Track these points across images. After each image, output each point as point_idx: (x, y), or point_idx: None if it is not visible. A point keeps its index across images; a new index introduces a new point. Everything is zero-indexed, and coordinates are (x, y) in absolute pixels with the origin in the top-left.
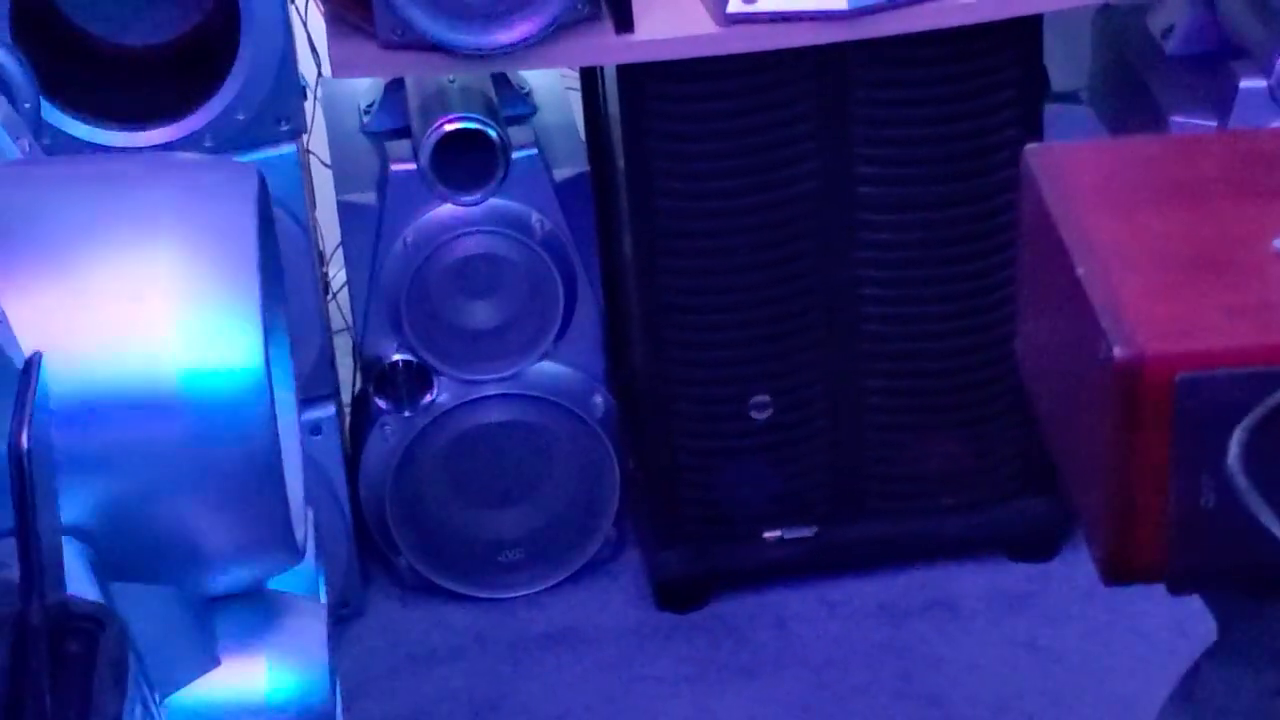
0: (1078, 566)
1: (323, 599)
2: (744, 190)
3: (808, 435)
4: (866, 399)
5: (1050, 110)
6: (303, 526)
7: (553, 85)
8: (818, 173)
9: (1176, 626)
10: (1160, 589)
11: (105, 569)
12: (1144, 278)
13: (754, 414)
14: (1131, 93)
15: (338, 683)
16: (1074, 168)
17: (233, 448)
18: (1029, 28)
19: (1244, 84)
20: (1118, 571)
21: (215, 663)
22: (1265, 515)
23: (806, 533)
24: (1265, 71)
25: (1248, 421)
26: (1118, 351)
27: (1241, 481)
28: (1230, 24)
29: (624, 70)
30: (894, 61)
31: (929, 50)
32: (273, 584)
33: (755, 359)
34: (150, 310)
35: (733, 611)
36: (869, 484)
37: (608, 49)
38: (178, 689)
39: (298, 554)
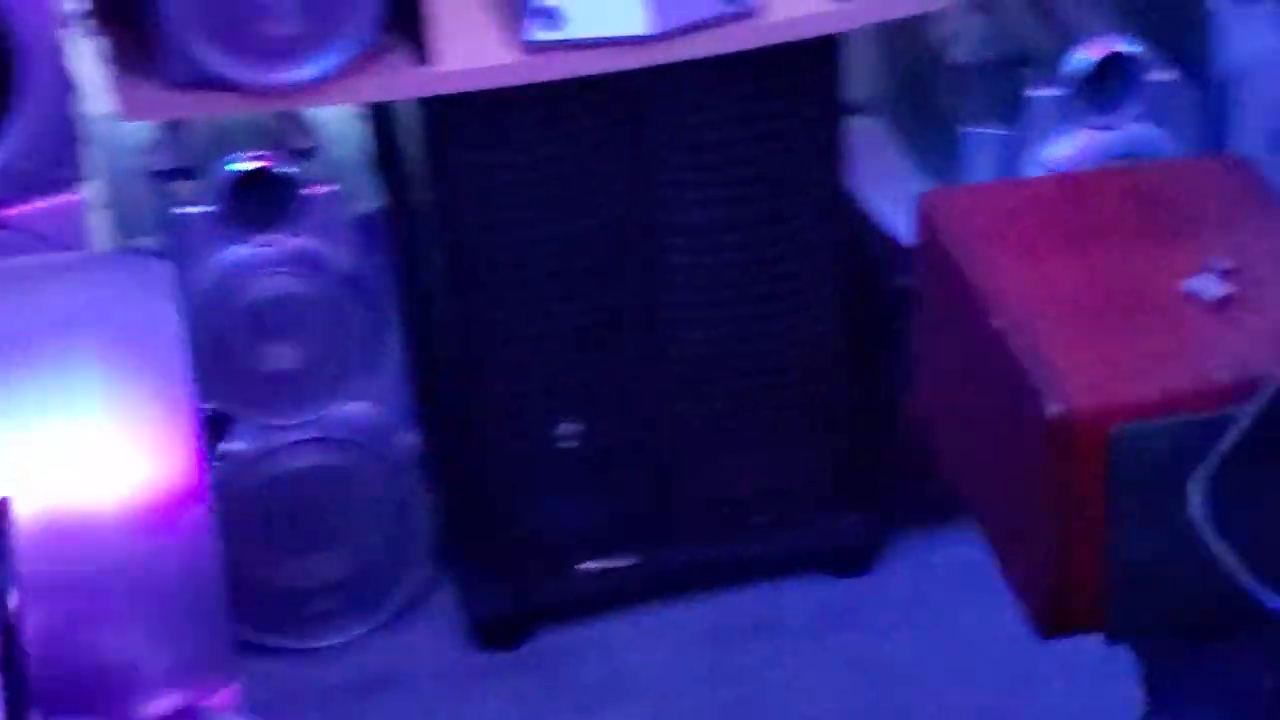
0: (896, 578)
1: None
2: (549, 218)
3: (622, 462)
4: (679, 423)
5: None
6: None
7: (339, 115)
8: (622, 197)
9: (1004, 636)
10: (988, 598)
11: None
12: (1063, 328)
13: (560, 443)
14: (918, 101)
15: None
16: (971, 212)
17: (176, 565)
18: (828, 47)
19: (1035, 92)
20: (1055, 625)
21: None
22: (1231, 561)
23: (627, 561)
24: (1054, 79)
25: (1204, 470)
26: (1051, 408)
27: (1207, 530)
28: (1013, 32)
29: (424, 101)
30: (694, 84)
31: (728, 72)
32: None
33: (565, 387)
34: (84, 433)
35: (557, 646)
36: (686, 508)
37: (409, 82)
38: None
39: (235, 673)
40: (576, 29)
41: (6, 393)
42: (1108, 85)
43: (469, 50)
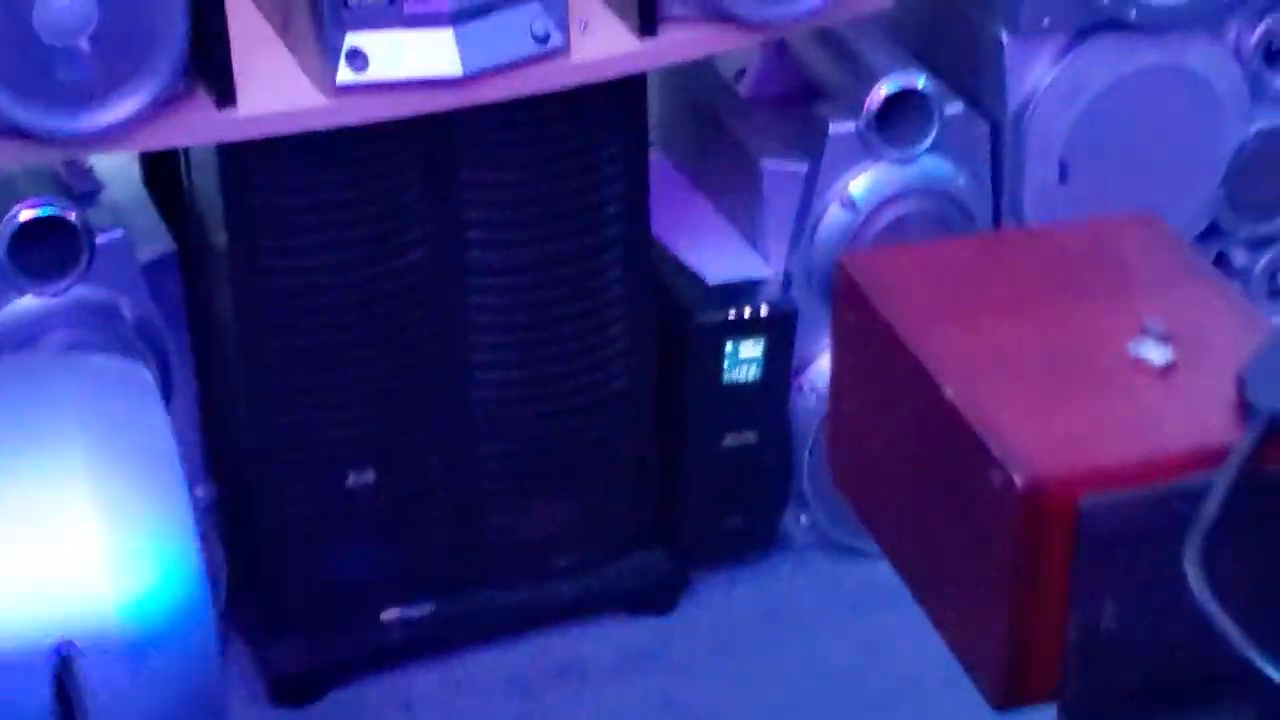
0: (700, 617)
1: None
2: (353, 263)
3: (419, 509)
4: (478, 466)
5: None
6: None
7: (116, 159)
8: (428, 240)
9: (813, 671)
10: (792, 636)
11: None
12: (1015, 395)
13: (353, 489)
14: (712, 136)
15: None
16: (897, 277)
17: (180, 683)
18: (633, 86)
19: (833, 127)
20: (1010, 697)
21: None
22: (1233, 633)
23: (425, 609)
24: (853, 114)
25: (1194, 541)
26: (1018, 479)
27: (1210, 603)
28: (808, 67)
29: (224, 145)
30: (499, 124)
31: (532, 111)
32: None
33: (365, 434)
34: (78, 543)
35: (355, 700)
36: (486, 553)
37: (211, 126)
38: None
39: None
40: (385, 70)
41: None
42: (902, 120)
43: (274, 94)
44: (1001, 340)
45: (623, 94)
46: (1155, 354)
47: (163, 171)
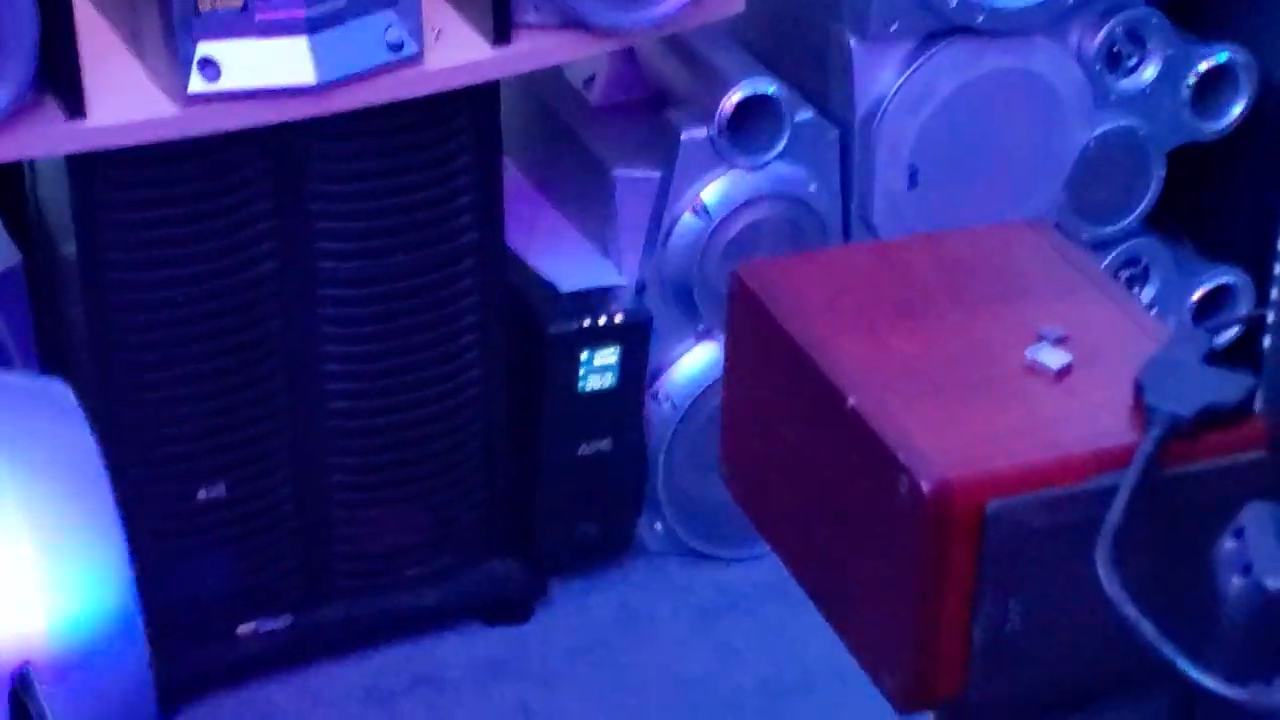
0: (557, 625)
1: None
2: (201, 276)
3: (271, 521)
4: (331, 478)
5: None
6: None
7: None
8: (278, 251)
9: (668, 676)
10: (647, 640)
11: None
12: (918, 403)
13: (204, 503)
14: (561, 144)
15: None
16: (793, 286)
17: (116, 701)
18: (487, 94)
19: (685, 135)
20: (915, 699)
21: None
22: (1150, 633)
23: (280, 622)
24: (704, 121)
25: (1104, 543)
26: (925, 485)
27: (1125, 602)
28: (657, 73)
29: (72, 156)
30: (351, 133)
31: (384, 120)
32: None
33: (214, 448)
34: (11, 564)
35: (210, 715)
36: (339, 564)
37: (60, 138)
38: None
39: None
40: (238, 79)
41: None
42: (753, 126)
43: (124, 104)
44: (901, 348)
45: (476, 102)
46: (1052, 359)
47: (4, 183)
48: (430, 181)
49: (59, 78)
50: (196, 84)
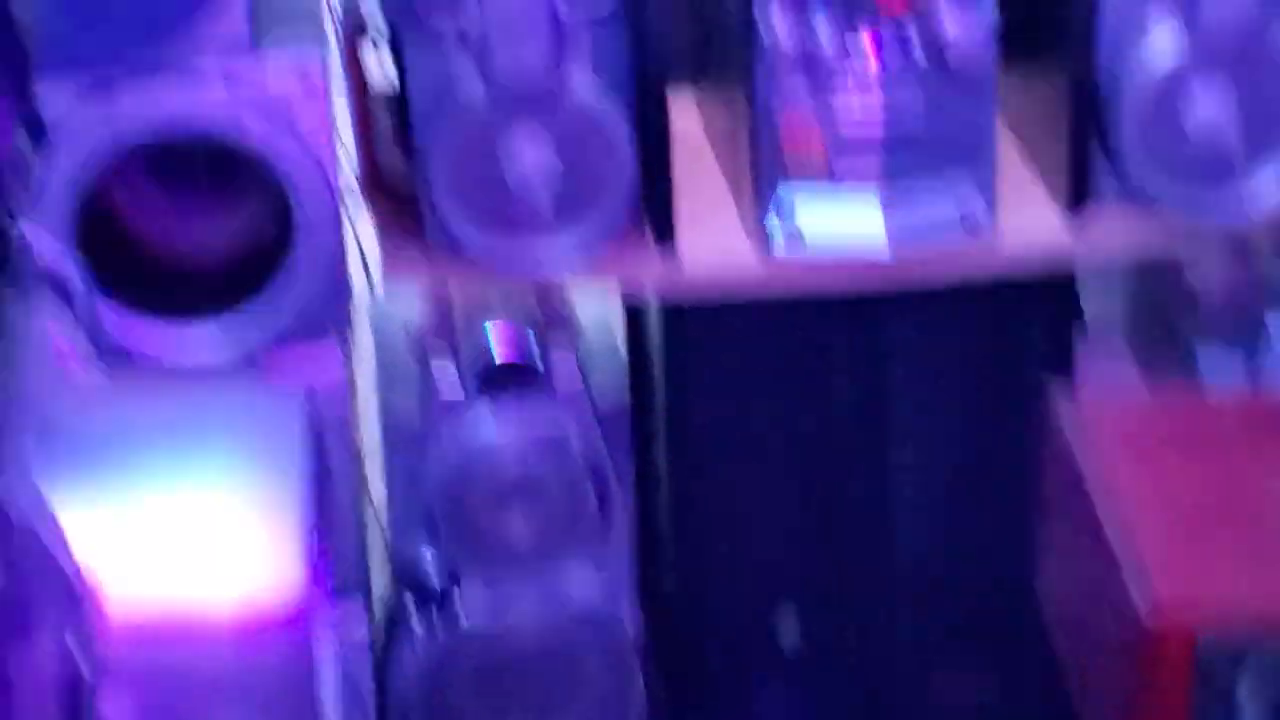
0: None
1: None
2: (777, 423)
3: (834, 665)
4: (895, 628)
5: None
6: None
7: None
8: (850, 405)
9: None
10: None
11: None
12: (1163, 529)
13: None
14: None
15: None
16: (1102, 419)
17: (274, 673)
18: (1065, 278)
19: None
20: None
21: None
22: None
23: None
24: None
25: None
26: (1140, 605)
27: None
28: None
29: (666, 305)
30: (929, 305)
31: (964, 296)
32: None
33: (787, 575)
34: (206, 545)
35: None
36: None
37: (656, 272)
38: None
39: None
40: (818, 247)
41: (145, 504)
42: None
43: (712, 249)
44: (1171, 481)
45: (1054, 285)
46: None
47: (635, 330)
48: (1004, 359)
49: (653, 207)
50: (781, 247)
